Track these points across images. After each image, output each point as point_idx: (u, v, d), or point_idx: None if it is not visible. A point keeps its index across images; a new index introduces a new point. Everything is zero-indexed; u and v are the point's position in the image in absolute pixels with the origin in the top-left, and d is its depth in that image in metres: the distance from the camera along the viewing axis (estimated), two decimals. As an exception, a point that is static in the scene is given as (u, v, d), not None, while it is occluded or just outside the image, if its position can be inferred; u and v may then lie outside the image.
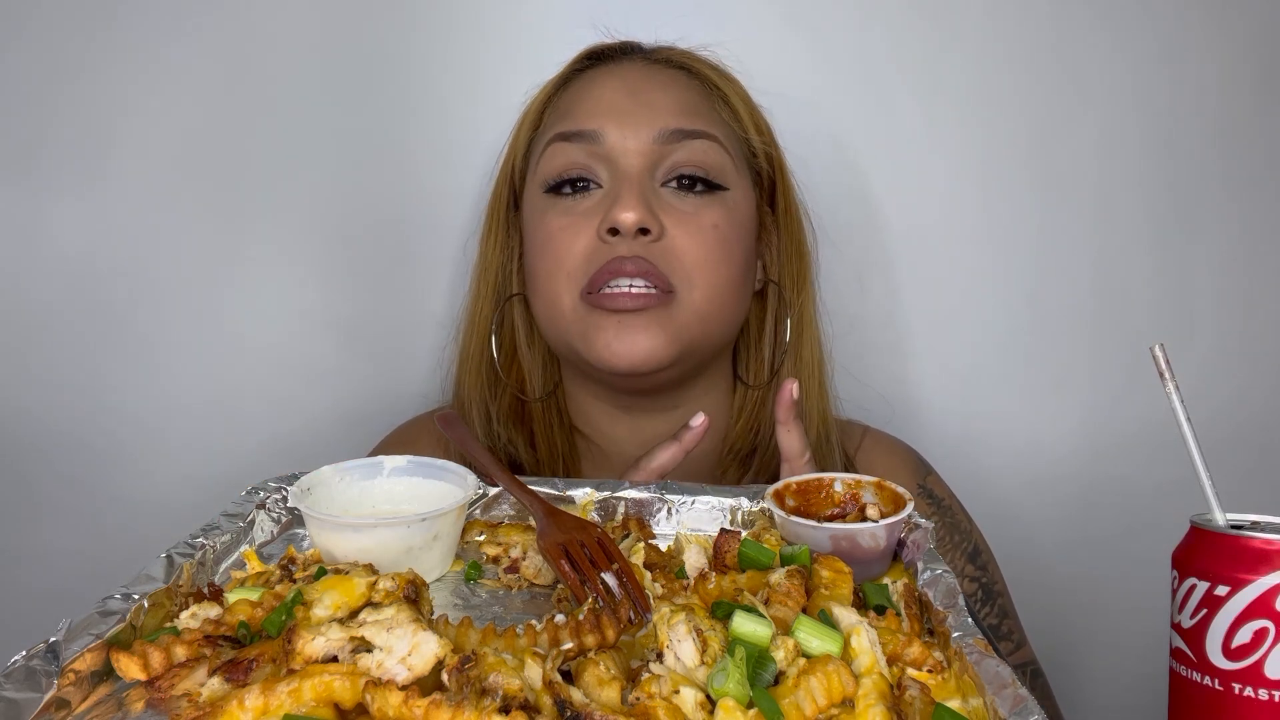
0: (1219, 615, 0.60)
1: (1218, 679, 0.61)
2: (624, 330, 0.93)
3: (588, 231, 0.96)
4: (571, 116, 1.00)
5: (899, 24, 1.28)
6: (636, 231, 0.93)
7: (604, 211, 0.95)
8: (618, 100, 0.99)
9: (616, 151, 0.97)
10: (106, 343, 1.26)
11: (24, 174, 1.24)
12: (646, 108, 0.98)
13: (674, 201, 0.97)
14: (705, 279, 0.96)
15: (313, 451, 1.10)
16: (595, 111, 0.98)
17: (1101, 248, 1.32)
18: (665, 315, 0.94)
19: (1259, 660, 0.59)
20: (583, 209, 0.97)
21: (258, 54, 1.24)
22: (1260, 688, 0.59)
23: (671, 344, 0.95)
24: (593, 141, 0.97)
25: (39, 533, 1.28)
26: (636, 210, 0.92)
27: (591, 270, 0.94)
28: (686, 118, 0.99)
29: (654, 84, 1.01)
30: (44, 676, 0.53)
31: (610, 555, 0.68)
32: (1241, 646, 0.60)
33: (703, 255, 0.96)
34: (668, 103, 0.99)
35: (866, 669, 0.55)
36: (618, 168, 0.97)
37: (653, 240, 0.94)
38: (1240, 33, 1.29)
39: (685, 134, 0.98)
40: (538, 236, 1.00)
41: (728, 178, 1.00)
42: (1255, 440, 1.34)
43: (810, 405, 1.07)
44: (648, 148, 0.97)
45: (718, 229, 0.97)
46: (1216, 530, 0.64)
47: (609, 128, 0.97)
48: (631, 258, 0.93)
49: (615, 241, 0.94)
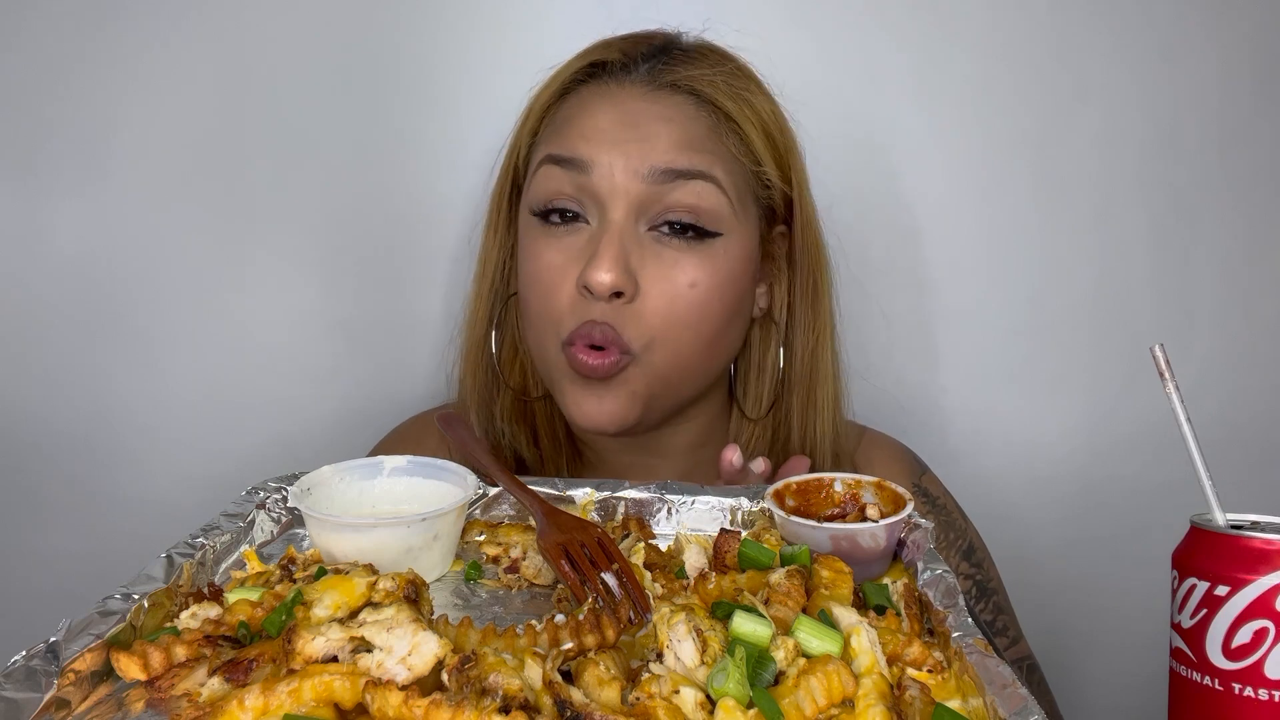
0: (1219, 615, 0.60)
1: (1218, 679, 0.60)
2: (588, 393, 0.94)
3: (570, 276, 0.94)
4: (563, 138, 0.96)
5: (899, 24, 1.28)
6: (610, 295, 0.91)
7: (584, 260, 0.93)
8: (611, 128, 0.94)
9: (604, 188, 0.93)
10: (106, 342, 1.26)
11: (24, 174, 1.24)
12: (642, 141, 0.93)
13: (656, 249, 0.93)
14: (669, 343, 0.94)
15: (313, 451, 1.10)
16: (587, 138, 0.94)
17: (1102, 247, 1.32)
18: (623, 379, 0.94)
19: (1259, 660, 0.59)
20: (567, 245, 0.95)
21: (258, 54, 1.24)
22: (1260, 688, 0.59)
23: (631, 407, 0.95)
24: (580, 171, 0.93)
25: (39, 533, 1.28)
26: (610, 273, 0.90)
27: (568, 325, 0.93)
28: (684, 155, 0.93)
29: (653, 114, 0.95)
30: (44, 676, 0.53)
31: (610, 555, 0.68)
32: (1241, 646, 0.59)
33: (671, 318, 0.93)
34: (666, 137, 0.93)
35: (866, 669, 0.55)
36: (604, 211, 0.93)
37: (626, 302, 0.92)
38: (1240, 33, 1.29)
39: (678, 174, 0.92)
40: (528, 265, 0.98)
41: (722, 223, 0.94)
42: (1255, 440, 1.34)
43: (824, 444, 1.04)
44: (636, 186, 0.92)
45: (695, 288, 0.93)
46: (1216, 530, 0.64)
47: (599, 158, 0.93)
48: (601, 323, 0.92)
49: (590, 299, 0.92)
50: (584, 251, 0.94)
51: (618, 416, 0.95)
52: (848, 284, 1.27)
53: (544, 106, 1.02)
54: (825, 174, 1.23)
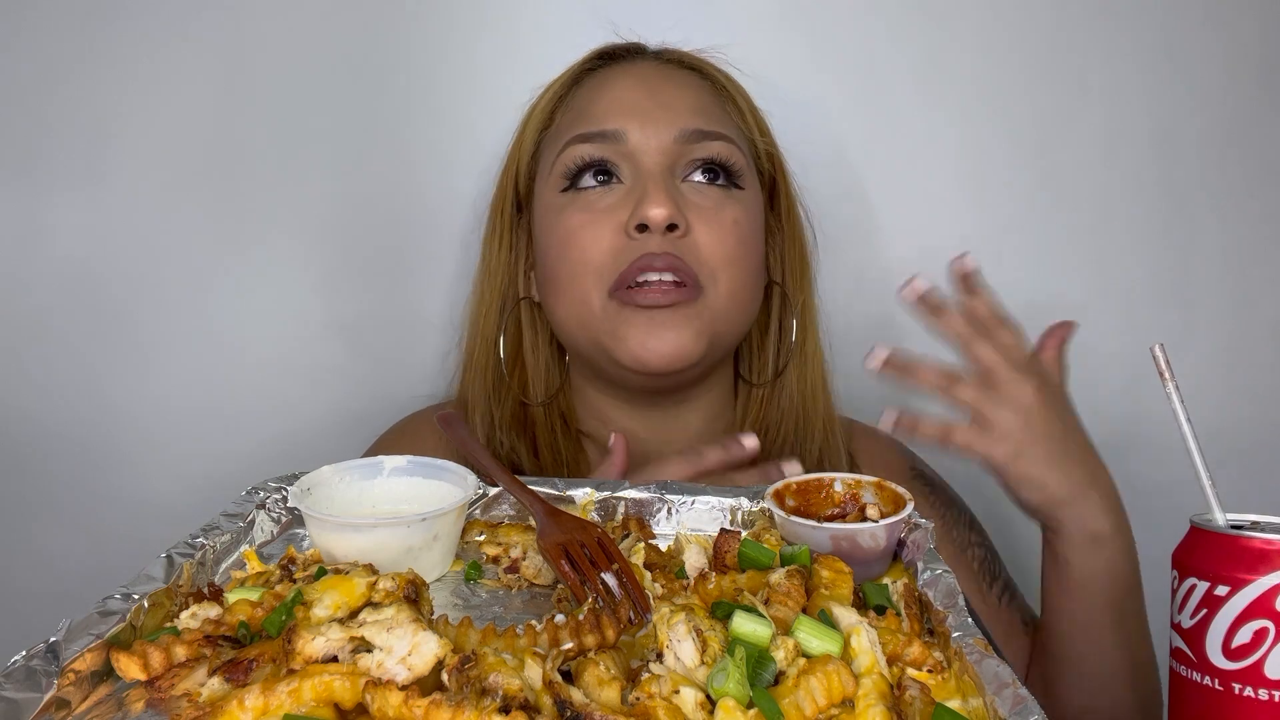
0: (1219, 615, 0.60)
1: (1218, 679, 0.61)
2: (655, 327, 0.94)
3: (612, 228, 0.96)
4: (589, 117, 1.00)
5: (899, 24, 1.28)
6: (666, 228, 0.93)
7: (630, 208, 0.95)
8: (639, 100, 0.99)
9: (639, 150, 0.97)
10: (106, 343, 1.26)
11: (24, 174, 1.24)
12: (666, 108, 0.98)
13: (695, 197, 0.98)
14: (728, 275, 0.97)
15: (313, 451, 1.10)
16: (615, 111, 0.98)
17: (1102, 247, 1.32)
18: (693, 311, 0.95)
19: (1259, 660, 0.59)
20: (604, 205, 0.97)
21: (257, 55, 1.24)
22: (1260, 688, 0.59)
23: (699, 339, 0.96)
24: (615, 141, 0.97)
25: (39, 533, 1.28)
26: (666, 206, 0.93)
27: (620, 266, 0.95)
28: (705, 119, 1.00)
29: (671, 83, 1.02)
30: (44, 676, 0.52)
31: (610, 555, 0.68)
32: (1241, 646, 0.60)
33: (725, 252, 0.97)
34: (686, 103, 1.00)
35: (866, 669, 0.55)
36: (640, 165, 0.97)
37: (679, 236, 0.95)
38: (1241, 33, 1.29)
39: (705, 135, 0.99)
40: (555, 235, 0.99)
41: (742, 177, 1.01)
42: (1255, 440, 1.34)
43: (815, 405, 1.08)
44: (669, 146, 0.97)
45: (738, 225, 0.98)
46: (1216, 530, 0.64)
47: (631, 127, 0.97)
48: (661, 254, 0.93)
49: (643, 238, 0.94)
50: (622, 204, 0.96)
51: (686, 350, 0.95)
52: (847, 283, 1.28)
53: (553, 101, 1.04)
54: (825, 173, 1.23)
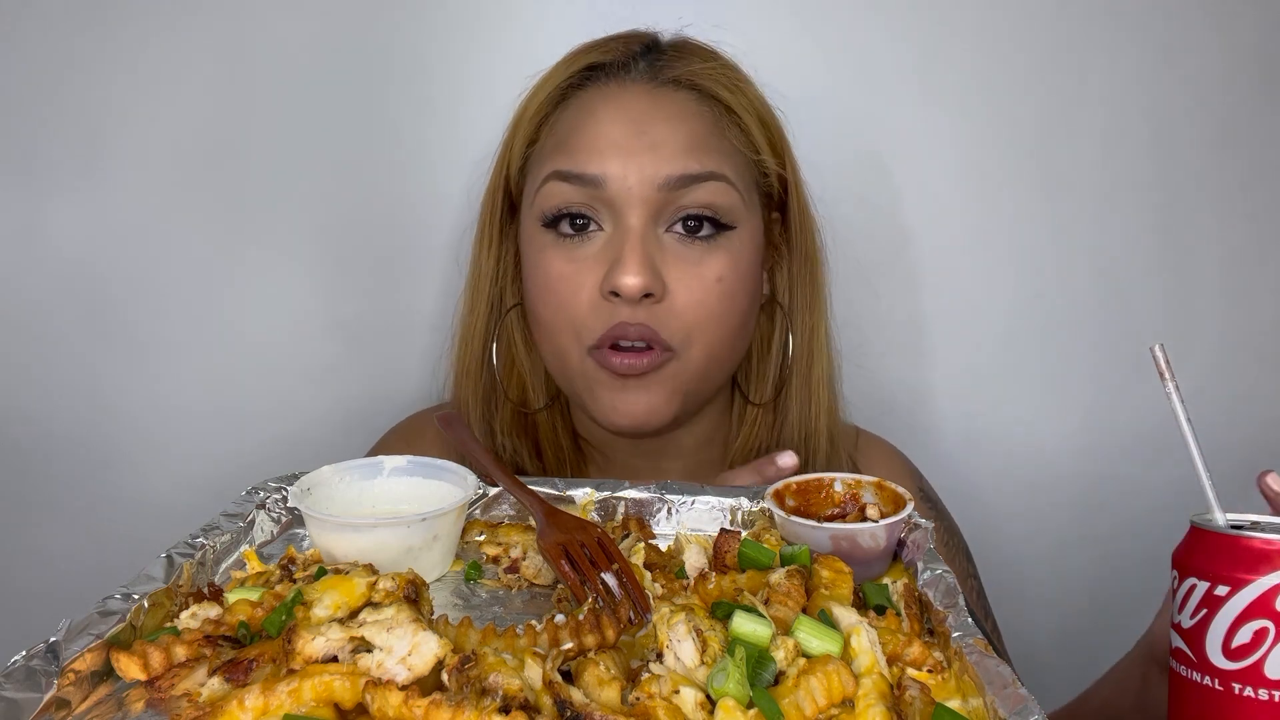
0: (1219, 615, 0.60)
1: (1218, 679, 0.61)
2: (626, 392, 0.94)
3: (589, 284, 0.93)
4: (570, 153, 0.95)
5: (899, 24, 1.28)
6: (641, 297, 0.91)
7: (605, 264, 0.92)
8: (620, 138, 0.93)
9: (619, 199, 0.92)
10: (105, 343, 1.26)
11: (24, 174, 1.24)
12: (651, 149, 0.92)
13: (678, 250, 0.94)
14: (705, 337, 0.95)
15: (313, 451, 1.10)
16: (596, 150, 0.93)
17: (1102, 247, 1.32)
18: (666, 374, 0.94)
19: (1259, 660, 0.59)
20: (583, 255, 0.94)
21: (256, 55, 1.24)
22: (1260, 688, 0.59)
23: (671, 401, 0.95)
24: (594, 185, 0.93)
25: (39, 533, 1.28)
26: (639, 276, 0.90)
27: (597, 329, 0.93)
28: (695, 158, 0.93)
29: (660, 116, 0.95)
30: (44, 676, 0.53)
31: (610, 555, 0.68)
32: (1241, 646, 0.59)
33: (704, 314, 0.94)
34: (675, 142, 0.93)
35: (866, 669, 0.55)
36: (620, 218, 0.93)
37: (655, 302, 0.92)
38: (1241, 33, 1.29)
39: (692, 179, 0.93)
40: (537, 275, 0.97)
41: (735, 216, 0.96)
42: (1255, 440, 1.34)
43: (819, 424, 1.05)
44: (652, 195, 0.92)
45: (721, 282, 0.94)
46: (1216, 530, 0.64)
47: (611, 170, 0.92)
48: (635, 325, 0.91)
49: (618, 303, 0.92)
50: (600, 257, 0.93)
51: (658, 412, 0.95)
52: (846, 283, 1.28)
53: (539, 115, 1.00)
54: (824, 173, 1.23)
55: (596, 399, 0.95)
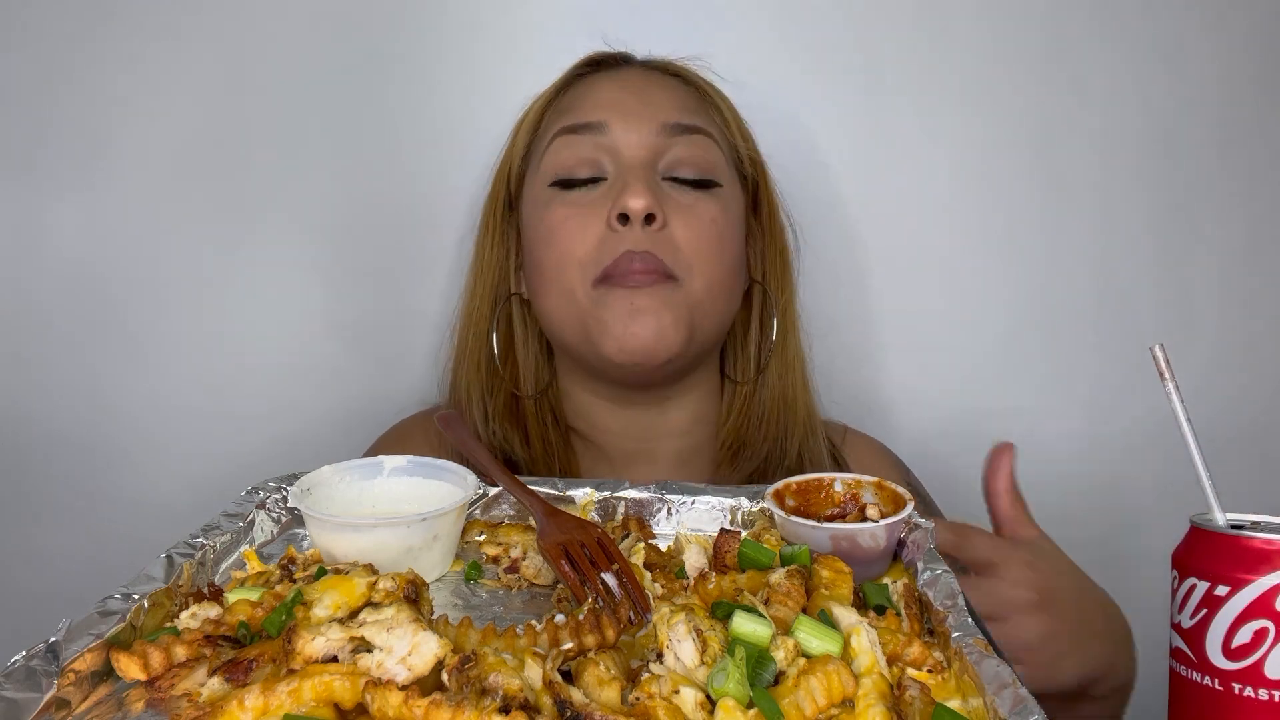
0: (1219, 615, 0.60)
1: (1218, 679, 0.61)
2: (637, 313, 0.96)
3: (595, 221, 0.99)
4: (576, 111, 1.04)
5: (896, 24, 1.28)
6: (644, 219, 0.96)
7: (612, 199, 0.98)
8: (622, 97, 1.04)
9: (621, 143, 1.01)
10: (105, 343, 1.26)
11: (24, 174, 1.24)
12: (648, 104, 1.03)
13: (674, 194, 1.01)
14: (704, 269, 1.00)
15: (313, 451, 1.10)
16: (600, 105, 1.03)
17: (1102, 248, 1.32)
18: (670, 297, 0.98)
19: (1259, 660, 0.59)
20: (589, 200, 1.00)
21: (256, 56, 1.24)
22: (1260, 688, 0.59)
23: (678, 327, 0.98)
24: (598, 133, 1.01)
25: (39, 533, 1.28)
26: (645, 197, 0.96)
27: (604, 260, 0.97)
28: (686, 114, 1.04)
29: (653, 85, 1.07)
30: (44, 676, 0.53)
31: (610, 555, 0.68)
32: (1241, 646, 0.59)
33: (701, 246, 1.00)
34: (668, 100, 1.04)
35: (866, 669, 0.55)
36: (622, 158, 1.01)
37: (657, 229, 0.98)
38: (1240, 33, 1.29)
39: (685, 128, 1.02)
40: (541, 228, 1.02)
41: (721, 175, 1.04)
42: (1255, 440, 1.34)
43: (795, 403, 1.10)
44: (651, 140, 1.01)
45: (715, 223, 1.01)
46: (1216, 530, 0.64)
47: (614, 120, 1.01)
48: (640, 253, 0.96)
49: (624, 231, 0.97)
50: (605, 196, 1.00)
51: (666, 337, 0.97)
52: (846, 283, 1.28)
53: (545, 104, 1.08)
54: (824, 174, 1.23)
55: (606, 329, 0.97)
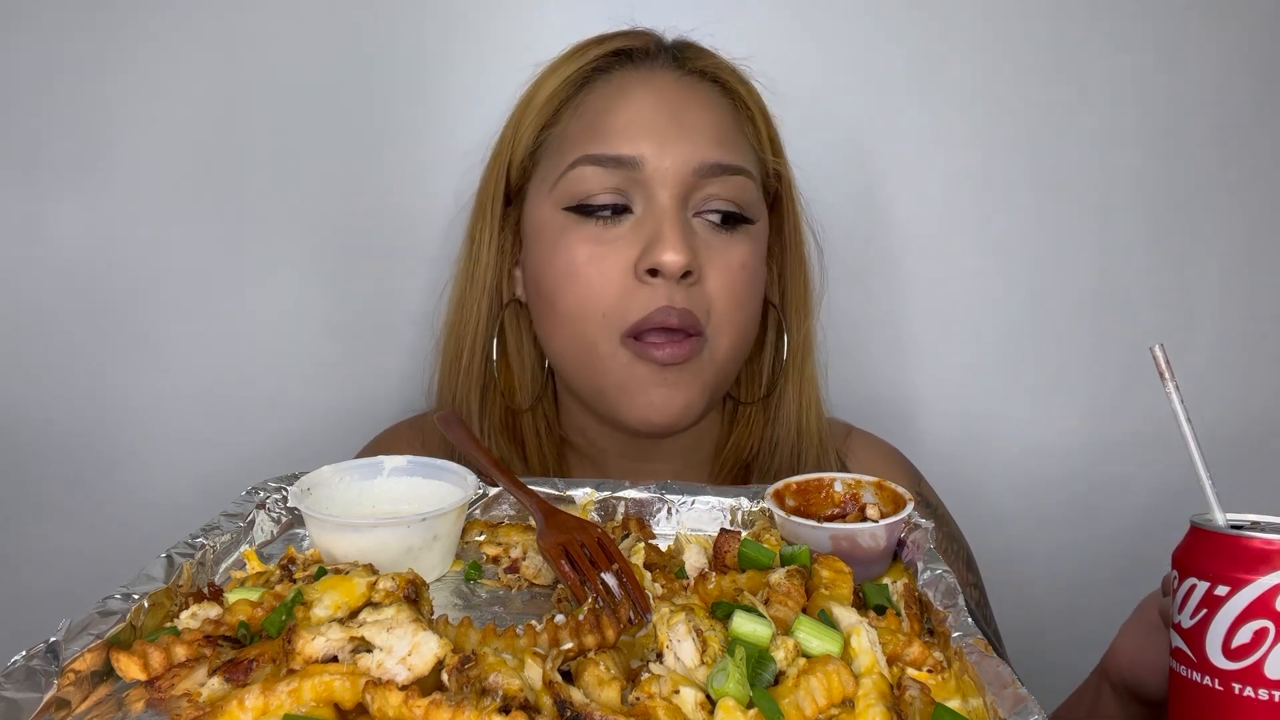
0: (1219, 615, 0.60)
1: (1218, 679, 0.60)
2: (664, 388, 0.90)
3: (620, 264, 0.90)
4: (604, 135, 0.92)
5: (899, 24, 1.28)
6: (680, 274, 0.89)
7: (639, 244, 0.90)
8: (658, 122, 0.92)
9: (654, 179, 0.91)
10: (105, 342, 1.26)
11: (24, 174, 1.24)
12: (688, 134, 0.92)
13: (707, 236, 0.93)
14: (732, 324, 0.94)
15: (313, 451, 1.10)
16: (633, 133, 0.91)
17: (1102, 248, 1.32)
18: (698, 366, 0.92)
19: (1259, 660, 0.59)
20: (613, 237, 0.91)
21: (256, 55, 1.24)
22: (1260, 688, 0.59)
23: (703, 397, 0.93)
24: (630, 168, 0.91)
25: (39, 533, 1.28)
26: (683, 254, 0.88)
27: (629, 312, 0.89)
28: (725, 150, 0.94)
29: (692, 104, 0.95)
30: (44, 676, 0.53)
31: (610, 555, 0.68)
32: (1241, 646, 0.59)
33: (734, 300, 0.93)
34: (707, 129, 0.93)
35: (866, 669, 0.55)
36: (653, 197, 0.91)
37: (692, 283, 0.90)
38: (1240, 33, 1.29)
39: (723, 169, 0.93)
40: (556, 261, 0.93)
41: (755, 211, 0.97)
42: (1255, 440, 1.34)
43: (811, 423, 1.05)
44: (686, 178, 0.91)
45: (745, 268, 0.94)
46: (1216, 530, 0.64)
47: (647, 152, 0.91)
48: (679, 310, 0.89)
49: (655, 283, 0.89)
50: (631, 238, 0.91)
51: (692, 409, 0.92)
52: (846, 284, 1.28)
53: (557, 98, 0.98)
54: (825, 174, 1.23)
55: (630, 396, 0.91)
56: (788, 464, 1.04)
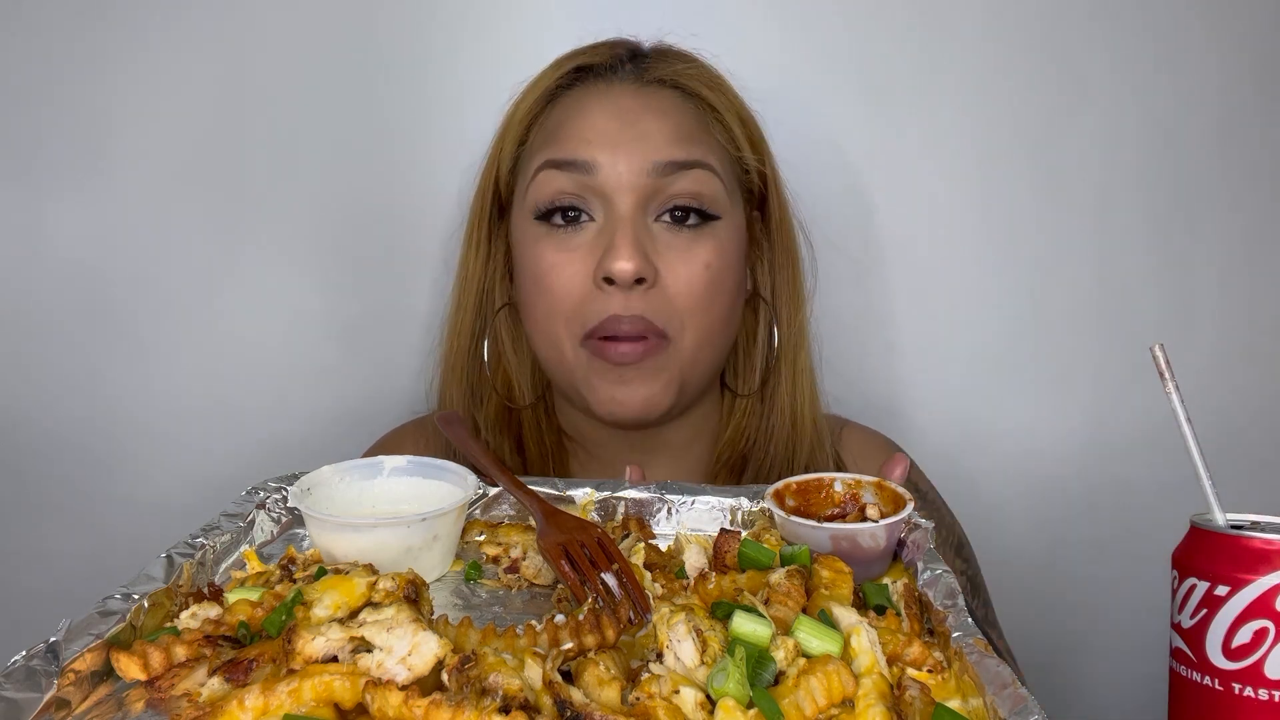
0: (1219, 615, 0.60)
1: (1218, 679, 0.61)
2: (624, 383, 0.95)
3: (582, 272, 0.95)
4: (560, 142, 0.97)
5: (897, 23, 1.28)
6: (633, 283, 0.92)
7: (598, 253, 0.94)
8: (610, 129, 0.96)
9: (609, 185, 0.95)
10: (105, 343, 1.26)
11: (24, 174, 1.24)
12: (640, 139, 0.95)
13: (667, 237, 0.96)
14: (696, 322, 0.96)
15: (313, 451, 1.10)
16: (586, 139, 0.96)
17: (1102, 248, 1.32)
18: (661, 362, 0.95)
19: (1259, 660, 0.59)
20: (575, 244, 0.96)
21: (255, 56, 1.24)
22: (1260, 688, 0.59)
23: (668, 390, 0.96)
24: (584, 172, 0.95)
25: (39, 533, 1.28)
26: (632, 260, 0.91)
27: (589, 320, 0.94)
28: (681, 147, 0.96)
29: (647, 110, 0.98)
30: (44, 676, 0.53)
31: (610, 555, 0.68)
32: (1241, 646, 0.60)
33: (695, 299, 0.96)
34: (662, 131, 0.96)
35: (866, 669, 0.55)
36: (611, 204, 0.95)
37: (648, 287, 0.94)
38: (1240, 33, 1.29)
39: (679, 165, 0.95)
40: (529, 269, 0.98)
41: (720, 206, 0.98)
42: (1256, 440, 1.34)
43: (805, 415, 1.07)
44: (641, 181, 0.94)
45: (709, 268, 0.96)
46: (1216, 530, 0.64)
47: (601, 158, 0.95)
48: (628, 317, 0.92)
49: (611, 291, 0.93)
50: (593, 246, 0.95)
51: (656, 402, 0.96)
52: (846, 284, 1.28)
53: (528, 115, 1.02)
54: (825, 174, 1.23)
55: (594, 390, 0.96)
56: (783, 455, 1.06)
